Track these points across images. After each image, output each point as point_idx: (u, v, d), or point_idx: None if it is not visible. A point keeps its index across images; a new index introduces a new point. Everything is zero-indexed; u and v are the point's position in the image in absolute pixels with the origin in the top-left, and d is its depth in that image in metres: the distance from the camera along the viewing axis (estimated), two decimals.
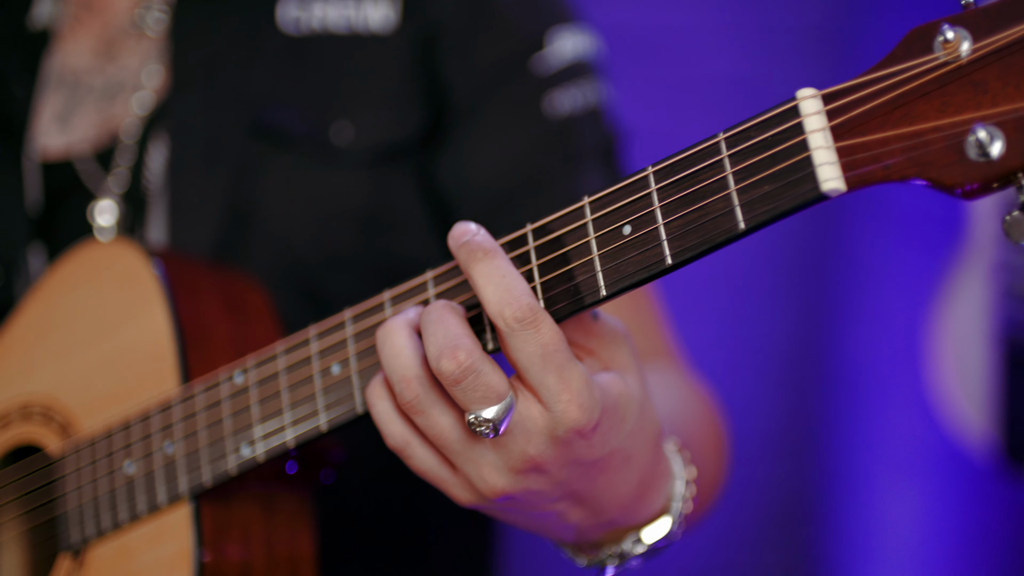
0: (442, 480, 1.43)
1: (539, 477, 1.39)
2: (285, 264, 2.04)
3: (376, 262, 2.06)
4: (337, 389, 1.50)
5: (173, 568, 1.64)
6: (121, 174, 2.13)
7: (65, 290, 1.88)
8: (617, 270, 1.32)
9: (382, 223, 2.06)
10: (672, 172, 1.30)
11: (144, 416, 1.71)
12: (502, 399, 1.34)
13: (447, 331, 1.35)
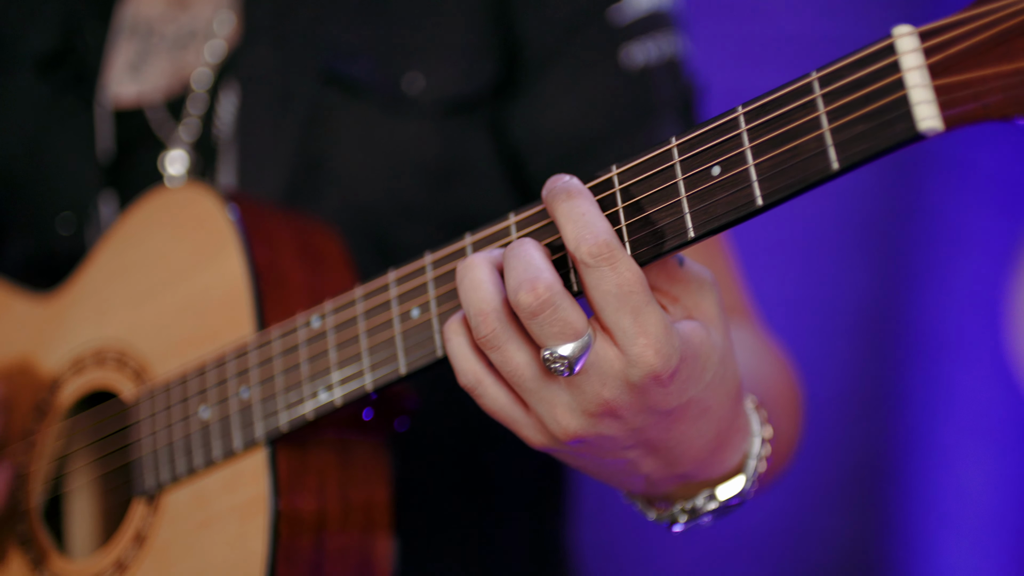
0: (514, 420, 1.41)
1: (613, 422, 1.37)
2: (355, 214, 2.03)
3: (447, 214, 2.04)
4: (416, 333, 1.49)
5: (248, 514, 1.64)
6: (192, 123, 2.12)
7: (138, 235, 1.88)
8: (705, 212, 1.30)
9: (453, 174, 2.04)
10: (763, 112, 1.28)
11: (220, 361, 1.70)
12: (579, 336, 1.32)
13: (528, 264, 1.33)
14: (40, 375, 1.95)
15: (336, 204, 2.03)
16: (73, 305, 1.94)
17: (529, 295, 1.31)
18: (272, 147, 2.05)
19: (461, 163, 2.04)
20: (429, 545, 2.06)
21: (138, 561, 1.74)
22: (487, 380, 1.40)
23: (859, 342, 4.02)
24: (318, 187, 2.04)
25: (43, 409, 1.93)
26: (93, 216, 2.15)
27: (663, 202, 1.33)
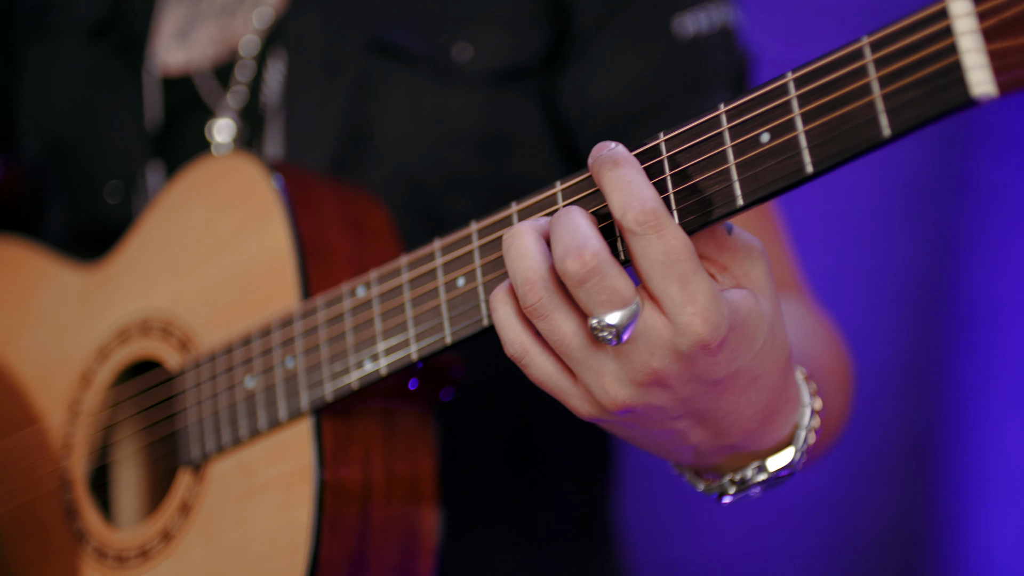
0: (561, 390, 1.39)
1: (661, 392, 1.35)
2: (402, 184, 2.02)
3: (495, 184, 2.03)
4: (462, 302, 1.48)
5: (293, 484, 1.63)
6: (239, 91, 2.11)
7: (183, 204, 1.87)
8: (754, 179, 1.28)
9: (501, 145, 2.03)
10: (813, 78, 1.26)
11: (265, 330, 1.69)
12: (627, 305, 1.30)
13: (575, 231, 1.31)
14: (86, 344, 1.95)
15: (382, 174, 2.02)
16: (119, 275, 1.94)
17: (576, 263, 1.30)
18: (319, 116, 2.04)
19: (509, 133, 2.03)
20: (474, 517, 2.06)
21: (183, 531, 1.74)
22: (534, 350, 1.38)
23: (908, 312, 3.99)
24: (364, 156, 2.03)
25: (89, 378, 1.93)
26: (140, 185, 2.15)
27: (711, 169, 1.31)
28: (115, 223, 2.14)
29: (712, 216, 1.31)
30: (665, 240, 1.29)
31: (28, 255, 2.10)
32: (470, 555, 2.06)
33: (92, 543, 1.86)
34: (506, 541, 2.11)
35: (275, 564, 1.63)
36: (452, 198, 2.02)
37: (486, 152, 2.02)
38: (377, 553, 1.65)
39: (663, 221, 1.30)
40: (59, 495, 1.92)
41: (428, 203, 2.02)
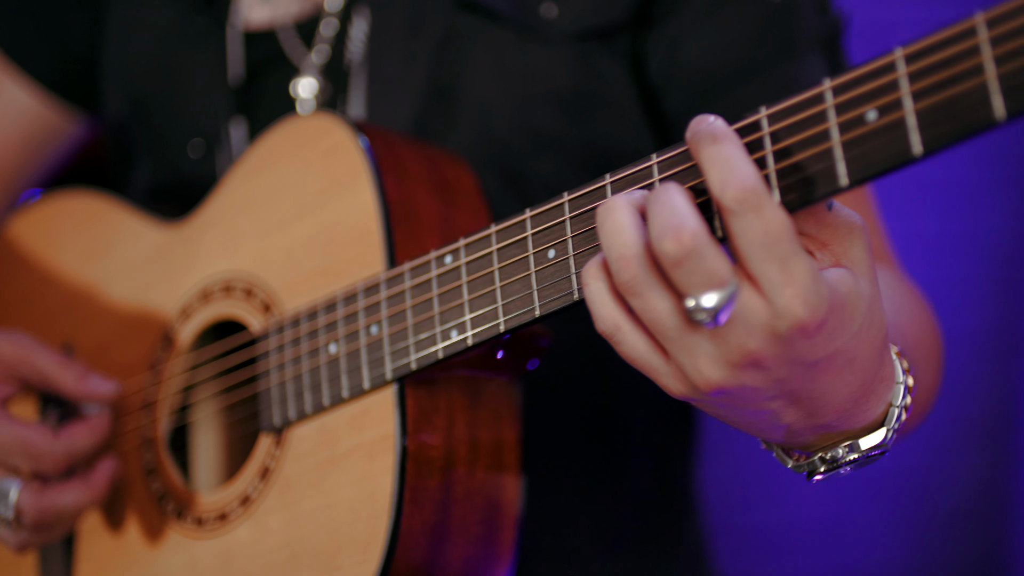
0: (653, 368, 1.36)
1: (757, 373, 1.32)
2: (487, 145, 1.99)
3: (582, 147, 2.00)
4: (552, 274, 1.45)
5: (375, 453, 1.61)
6: (323, 47, 2.09)
7: (268, 165, 1.85)
8: (859, 159, 1.24)
9: (588, 106, 1.99)
10: (924, 55, 1.21)
11: (350, 296, 1.67)
12: (724, 286, 1.27)
13: (672, 210, 1.28)
14: (169, 304, 1.94)
15: (467, 134, 1.99)
16: (202, 234, 1.93)
17: (673, 243, 1.26)
18: (403, 75, 2.01)
19: (597, 94, 1.99)
20: (554, 486, 2.03)
21: (262, 495, 1.73)
22: (626, 327, 1.35)
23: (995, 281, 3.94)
24: (449, 117, 2.00)
25: (171, 338, 1.92)
26: (223, 141, 2.14)
27: (814, 147, 1.27)
28: (198, 180, 2.14)
29: (814, 196, 1.28)
30: (764, 219, 1.26)
31: (113, 210, 2.09)
32: (550, 524, 2.04)
33: (172, 503, 1.86)
34: (581, 502, 2.09)
35: (355, 533, 1.61)
36: (537, 159, 1.99)
37: (572, 112, 1.99)
38: (458, 524, 1.63)
39: (763, 200, 1.26)
40: (140, 454, 1.92)
41: (513, 164, 1.99)
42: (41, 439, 1.79)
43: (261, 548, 1.72)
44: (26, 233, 2.22)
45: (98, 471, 1.85)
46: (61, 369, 1.86)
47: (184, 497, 1.85)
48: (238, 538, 1.75)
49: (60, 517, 1.83)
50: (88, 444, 1.83)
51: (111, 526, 1.93)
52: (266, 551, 1.71)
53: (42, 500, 1.80)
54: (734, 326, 1.29)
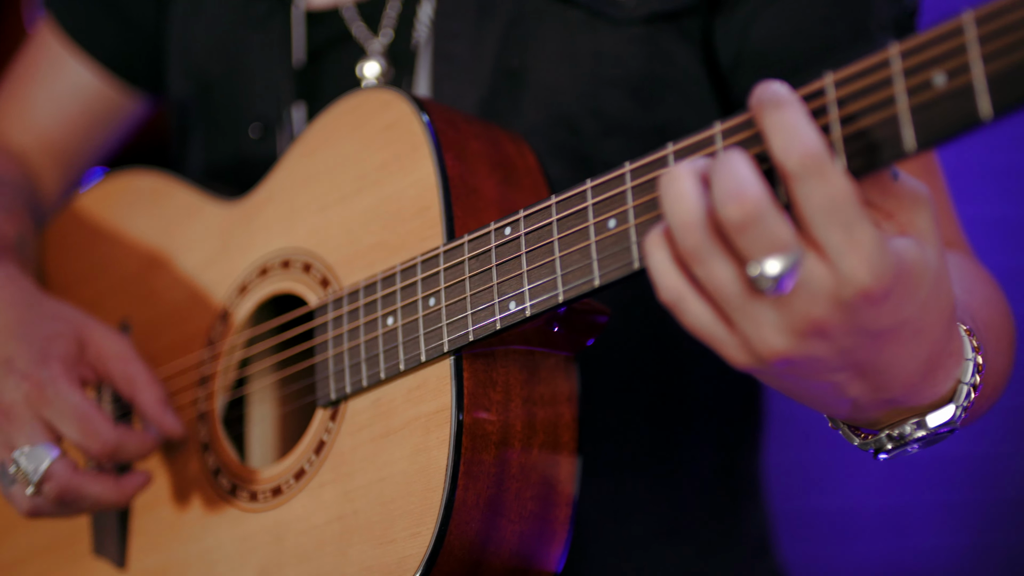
0: (717, 338, 1.34)
1: (821, 342, 1.30)
2: (554, 127, 1.97)
3: (650, 131, 1.97)
4: (612, 244, 1.43)
5: (431, 426, 1.60)
6: (388, 28, 2.08)
7: (329, 140, 1.84)
8: (926, 124, 1.22)
9: (657, 88, 1.97)
10: (995, 18, 1.19)
11: (408, 269, 1.66)
12: (788, 253, 1.25)
13: (735, 176, 1.26)
14: (228, 280, 1.94)
15: (535, 117, 1.98)
16: (262, 210, 1.92)
17: (737, 209, 1.24)
18: (470, 57, 2.00)
19: (665, 76, 1.97)
20: (612, 465, 2.02)
21: (317, 470, 1.72)
22: (689, 296, 1.33)
23: None
24: (516, 99, 1.98)
25: (229, 313, 1.92)
26: (285, 121, 2.13)
27: (880, 112, 1.25)
28: (258, 161, 2.14)
29: (879, 162, 1.26)
30: (828, 185, 1.24)
31: (174, 188, 2.09)
32: (607, 505, 2.02)
33: (226, 478, 1.85)
34: (644, 490, 2.06)
35: (409, 506, 1.60)
36: (604, 143, 1.97)
37: (641, 95, 1.97)
38: (513, 500, 1.62)
39: (826, 165, 1.24)
40: (195, 429, 1.91)
41: (581, 147, 1.97)
42: (101, 420, 1.79)
43: (314, 522, 1.71)
44: (90, 210, 2.22)
45: (132, 477, 1.86)
46: (150, 385, 1.87)
47: (239, 472, 1.84)
48: (292, 512, 1.74)
49: (78, 503, 1.83)
50: (135, 451, 1.83)
51: (166, 500, 1.93)
52: (319, 525, 1.70)
53: (72, 478, 1.80)
54: (798, 293, 1.27)
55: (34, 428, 1.79)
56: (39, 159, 2.40)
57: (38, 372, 1.80)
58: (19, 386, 1.81)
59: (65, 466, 1.79)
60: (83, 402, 1.79)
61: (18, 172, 2.34)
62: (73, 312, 1.92)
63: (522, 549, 1.64)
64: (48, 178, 2.41)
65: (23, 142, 2.40)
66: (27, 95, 2.42)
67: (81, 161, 2.44)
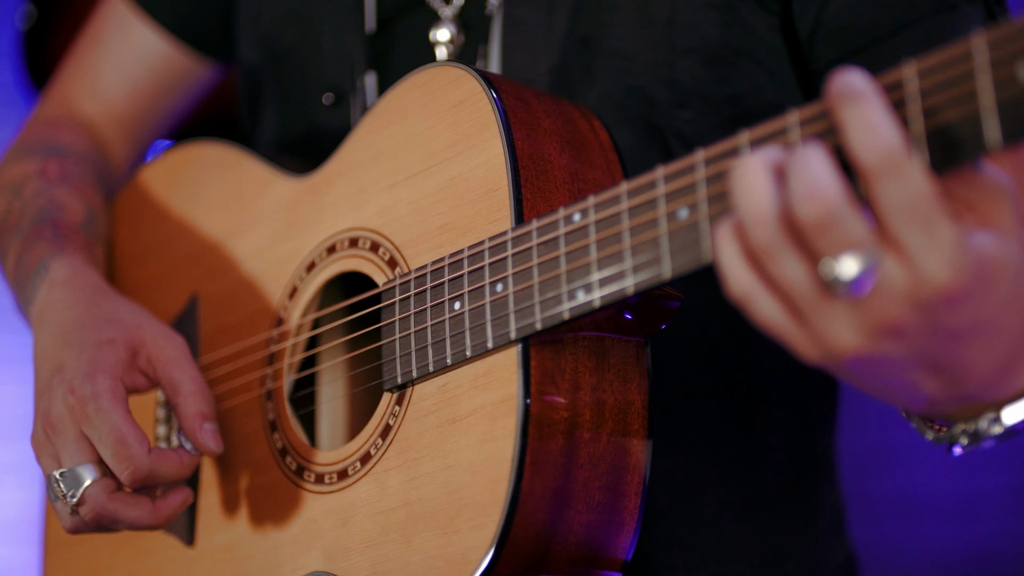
0: (787, 334, 1.31)
1: (896, 342, 1.26)
2: (627, 97, 1.94)
3: (725, 102, 1.93)
4: (683, 235, 1.39)
5: (497, 415, 1.58)
6: None
7: (398, 116, 1.82)
8: (1013, 119, 1.17)
9: (732, 58, 1.92)
10: None
11: (476, 252, 1.63)
12: (864, 252, 1.22)
13: (812, 173, 1.23)
14: (295, 257, 1.92)
15: (606, 86, 1.94)
16: (330, 187, 1.90)
17: (812, 207, 1.21)
18: (542, 23, 1.96)
19: (741, 46, 1.92)
20: (682, 451, 1.99)
21: (383, 454, 1.70)
22: (759, 292, 1.30)
23: None
24: (588, 67, 1.95)
25: (297, 290, 1.90)
26: (357, 89, 2.11)
27: (963, 106, 1.20)
28: (330, 131, 2.12)
29: (961, 158, 1.22)
30: (907, 183, 1.21)
31: (243, 161, 2.08)
32: (678, 483, 1.99)
33: (292, 458, 1.84)
34: (716, 469, 2.03)
35: (475, 496, 1.58)
36: (679, 112, 1.93)
37: (717, 65, 1.92)
38: (581, 489, 1.59)
39: (905, 163, 1.21)
40: (262, 408, 1.90)
41: (652, 119, 1.94)
42: (136, 446, 1.75)
43: (379, 507, 1.70)
44: (157, 181, 2.21)
45: (169, 500, 1.82)
46: (192, 394, 1.84)
47: (305, 453, 1.83)
48: (357, 496, 1.73)
49: (113, 525, 1.81)
50: (171, 475, 1.80)
51: (233, 478, 1.92)
52: (384, 510, 1.69)
53: (107, 503, 1.78)
54: (874, 293, 1.24)
55: (77, 446, 1.78)
56: (107, 128, 2.39)
57: (83, 386, 1.78)
58: (66, 399, 1.79)
59: (101, 490, 1.77)
60: (121, 423, 1.76)
61: (87, 143, 2.33)
62: (131, 313, 1.90)
63: (590, 539, 1.61)
64: (117, 148, 2.40)
65: (91, 111, 2.39)
66: (95, 64, 2.40)
67: (149, 130, 2.43)
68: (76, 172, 2.22)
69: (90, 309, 1.90)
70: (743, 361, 2.03)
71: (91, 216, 2.14)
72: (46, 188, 2.18)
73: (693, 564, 2.02)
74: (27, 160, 2.26)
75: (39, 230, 2.08)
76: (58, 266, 1.99)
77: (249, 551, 1.87)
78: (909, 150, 1.21)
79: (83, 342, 1.84)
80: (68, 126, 2.35)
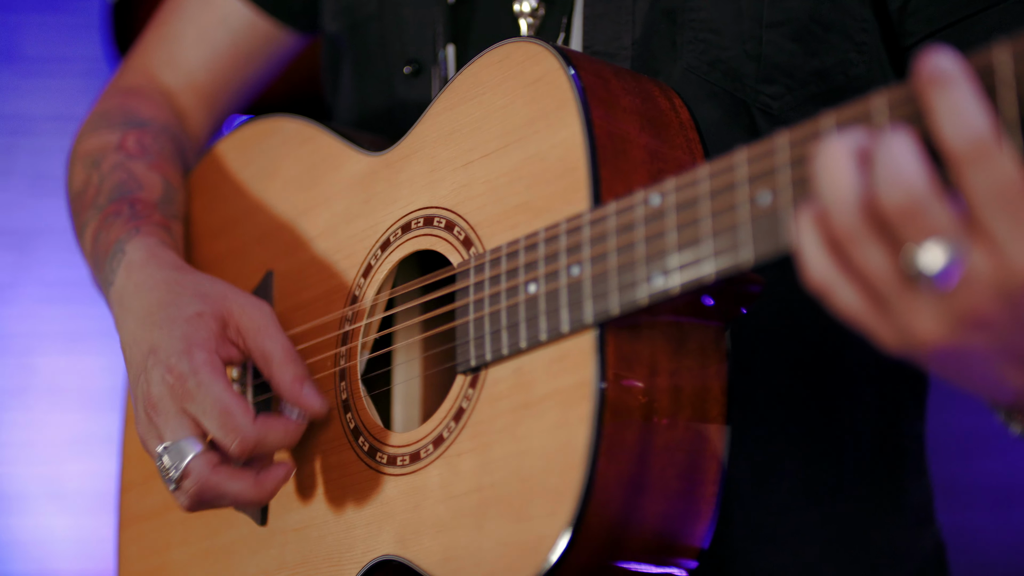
0: (868, 324, 1.28)
1: (981, 335, 1.22)
2: (712, 72, 1.89)
3: (813, 78, 1.88)
4: (765, 220, 1.35)
5: (571, 401, 1.54)
6: None
7: (475, 93, 1.79)
8: None
9: (819, 31, 1.87)
10: None
11: (552, 234, 1.60)
12: (949, 243, 1.18)
13: (896, 160, 1.19)
14: (370, 234, 1.90)
15: (691, 60, 1.90)
16: (406, 164, 1.87)
17: (897, 196, 1.17)
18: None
19: (831, 20, 1.87)
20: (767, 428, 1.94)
21: (456, 438, 1.68)
22: (839, 281, 1.26)
23: None
24: (673, 40, 1.91)
25: (371, 268, 1.87)
26: (438, 61, 2.08)
27: None
28: (409, 101, 2.10)
29: None
30: (996, 171, 1.16)
31: (319, 136, 2.05)
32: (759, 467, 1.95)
33: (366, 439, 1.82)
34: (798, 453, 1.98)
35: (548, 484, 1.55)
36: (765, 87, 1.89)
37: (804, 39, 1.88)
38: (657, 478, 1.56)
39: (994, 150, 1.17)
40: (336, 387, 1.88)
41: (739, 93, 1.89)
42: (242, 416, 1.75)
43: (451, 491, 1.67)
44: (232, 156, 2.20)
45: (272, 473, 1.81)
46: (285, 362, 1.83)
47: (378, 434, 1.81)
48: (429, 479, 1.71)
49: (217, 499, 1.80)
50: (278, 444, 1.80)
51: (306, 458, 1.90)
52: (456, 495, 1.66)
53: (211, 476, 1.77)
54: (960, 283, 1.20)
55: (179, 422, 1.77)
56: (186, 98, 2.38)
57: (180, 364, 1.78)
58: (164, 379, 1.78)
59: (205, 463, 1.77)
60: (224, 395, 1.76)
61: (166, 114, 2.31)
62: (214, 286, 1.89)
63: (666, 528, 1.58)
64: (195, 118, 2.38)
65: (170, 80, 2.38)
66: (175, 31, 2.39)
67: (228, 100, 2.41)
68: (154, 146, 2.21)
69: (172, 287, 1.89)
70: (828, 343, 1.98)
71: (169, 192, 2.13)
72: (124, 161, 2.17)
73: (772, 549, 1.98)
74: (106, 131, 2.25)
75: (117, 207, 2.07)
76: (134, 248, 1.98)
77: (320, 532, 1.86)
78: (1000, 137, 1.17)
79: (172, 320, 1.83)
80: (147, 96, 2.34)
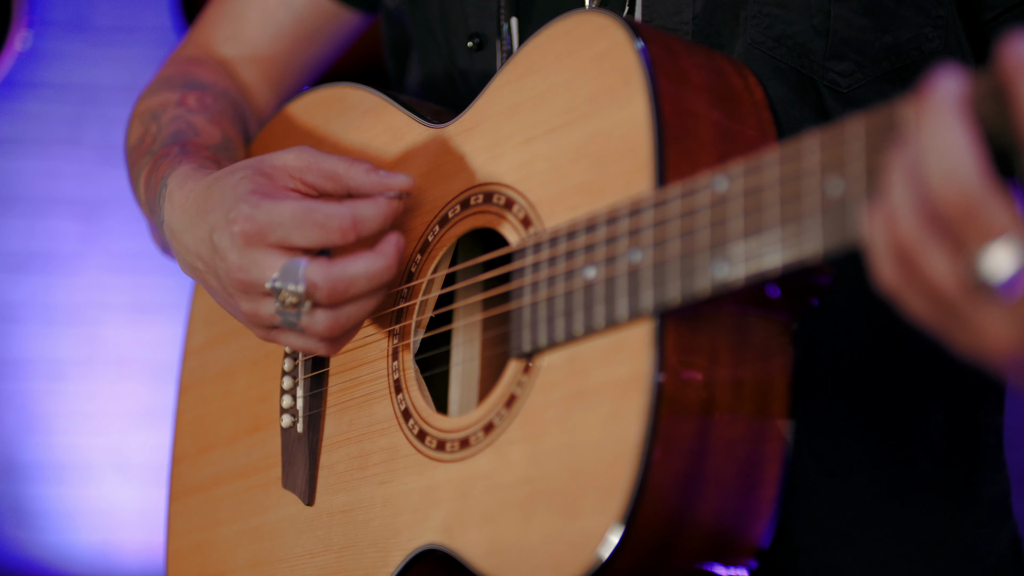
0: (939, 330, 1.24)
1: None
2: (779, 48, 1.83)
3: (885, 54, 1.81)
4: (837, 211, 1.28)
5: (626, 392, 1.48)
6: None
7: (538, 66, 1.72)
8: None
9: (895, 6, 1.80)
10: None
11: (612, 217, 1.53)
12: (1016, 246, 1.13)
13: (956, 158, 1.14)
14: (430, 209, 1.84)
15: (757, 36, 1.83)
16: (467, 138, 1.81)
17: (951, 193, 1.13)
18: None
19: None
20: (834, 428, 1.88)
21: (507, 425, 1.62)
22: (908, 291, 1.22)
23: None
24: (738, 15, 1.84)
25: (429, 245, 1.82)
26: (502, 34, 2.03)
27: None
28: (473, 75, 2.06)
29: None
30: None
31: (383, 106, 2.00)
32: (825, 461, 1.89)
33: (416, 422, 1.76)
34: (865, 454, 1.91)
35: (599, 480, 1.49)
36: (834, 64, 1.82)
37: (876, 13, 1.80)
38: (714, 476, 1.49)
39: None
40: (388, 366, 1.83)
41: (806, 72, 1.83)
42: (325, 204, 1.70)
43: (500, 481, 1.61)
44: (296, 121, 2.15)
45: (385, 239, 1.72)
46: (350, 164, 1.77)
47: (428, 417, 1.75)
48: (478, 467, 1.65)
49: (352, 289, 1.70)
50: (374, 216, 1.72)
51: (355, 438, 1.86)
52: (505, 485, 1.61)
53: (332, 270, 1.68)
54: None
55: (271, 259, 1.70)
56: (248, 72, 2.35)
57: (239, 212, 1.72)
58: (233, 234, 1.72)
59: (320, 265, 1.69)
60: (296, 204, 1.70)
61: (228, 82, 2.29)
62: (247, 159, 1.85)
63: (721, 529, 1.52)
64: (257, 92, 2.35)
65: (233, 55, 2.35)
66: (237, 10, 2.36)
67: (291, 78, 2.38)
68: (215, 106, 2.19)
69: (211, 185, 1.83)
70: (900, 336, 1.91)
71: (227, 143, 2.10)
72: (184, 114, 2.15)
73: (838, 546, 1.92)
74: (167, 91, 2.23)
75: (168, 149, 2.04)
76: (174, 179, 1.94)
77: (367, 515, 1.81)
78: None
79: (220, 198, 1.78)
80: (209, 65, 2.32)
